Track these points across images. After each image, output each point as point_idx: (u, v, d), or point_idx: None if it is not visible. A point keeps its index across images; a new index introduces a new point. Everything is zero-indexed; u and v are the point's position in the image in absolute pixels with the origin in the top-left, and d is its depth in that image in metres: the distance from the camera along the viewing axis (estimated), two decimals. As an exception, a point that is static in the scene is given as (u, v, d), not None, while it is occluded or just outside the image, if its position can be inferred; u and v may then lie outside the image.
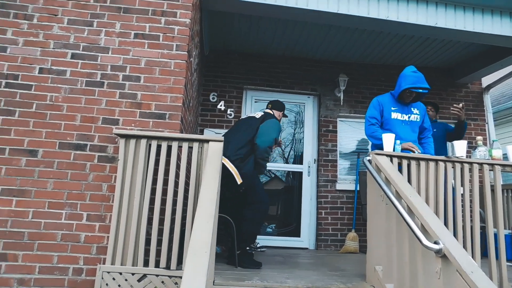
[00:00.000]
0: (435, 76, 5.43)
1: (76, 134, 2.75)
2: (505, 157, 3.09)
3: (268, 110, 3.67)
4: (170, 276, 2.42)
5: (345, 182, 4.95)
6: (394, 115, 3.33)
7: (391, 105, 3.36)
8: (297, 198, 4.97)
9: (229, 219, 3.11)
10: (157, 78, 2.90)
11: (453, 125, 4.34)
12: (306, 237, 4.84)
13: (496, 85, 5.74)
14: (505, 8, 3.88)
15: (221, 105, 4.95)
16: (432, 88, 4.28)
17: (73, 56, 2.87)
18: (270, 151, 3.44)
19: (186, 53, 2.96)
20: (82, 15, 2.94)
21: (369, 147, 5.09)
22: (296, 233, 4.86)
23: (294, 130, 5.29)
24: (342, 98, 5.08)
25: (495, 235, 2.78)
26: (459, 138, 3.94)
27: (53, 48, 2.86)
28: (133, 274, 2.41)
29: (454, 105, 3.82)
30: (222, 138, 2.58)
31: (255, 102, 5.19)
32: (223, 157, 3.20)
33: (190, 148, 2.63)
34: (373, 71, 5.36)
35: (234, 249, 3.17)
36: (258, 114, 3.58)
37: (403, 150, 3.03)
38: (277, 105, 3.74)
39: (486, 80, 5.79)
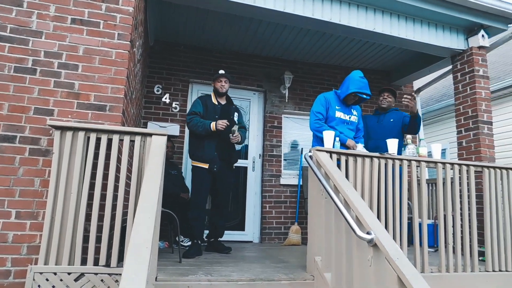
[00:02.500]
0: (373, 78, 5.78)
1: (3, 124, 2.51)
2: (430, 154, 3.41)
3: None
4: (110, 274, 2.34)
5: (289, 177, 5.10)
6: (338, 114, 3.52)
7: (336, 104, 3.55)
8: (242, 192, 5.02)
9: (172, 214, 3.06)
10: (97, 67, 2.75)
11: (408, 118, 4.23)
12: (251, 231, 4.93)
13: (425, 88, 6.27)
14: (432, 19, 4.25)
15: (166, 98, 4.83)
16: (370, 88, 4.56)
17: None
18: (188, 120, 3.67)
19: (129, 42, 2.84)
20: (10, -6, 2.68)
21: (311, 143, 5.29)
22: (241, 227, 4.93)
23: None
24: (287, 95, 5.23)
25: (420, 225, 3.07)
26: (414, 132, 4.04)
27: (-24, 29, 2.58)
28: (69, 273, 2.29)
29: (405, 95, 3.80)
30: (167, 132, 2.53)
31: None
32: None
33: (132, 141, 2.54)
34: (317, 70, 5.57)
35: (178, 244, 3.14)
36: None
37: (342, 146, 3.22)
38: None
39: (417, 84, 6.30)
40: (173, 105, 4.86)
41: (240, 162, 5.10)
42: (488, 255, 3.23)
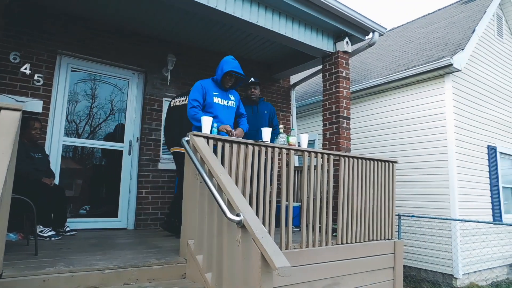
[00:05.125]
0: (256, 69, 6.06)
1: None
2: (299, 143, 3.77)
3: None
4: None
5: (168, 162, 5.00)
6: (216, 100, 3.58)
7: (213, 90, 3.60)
8: (115, 177, 4.71)
9: (28, 202, 2.69)
10: None
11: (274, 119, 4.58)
12: (125, 217, 4.69)
13: (301, 83, 6.89)
14: (308, 21, 4.66)
15: (25, 69, 4.16)
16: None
17: None
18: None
19: (-28, -5, 2.34)
20: None
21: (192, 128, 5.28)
22: (113, 213, 4.64)
23: (114, 106, 4.94)
24: (169, 78, 5.07)
25: (287, 207, 3.38)
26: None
27: None
28: None
29: None
30: (20, 107, 2.18)
31: (72, 71, 4.59)
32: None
33: (-27, 116, 2.12)
34: (202, 55, 5.55)
35: (35, 235, 2.79)
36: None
37: (220, 132, 3.30)
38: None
39: (293, 79, 6.86)
40: (35, 77, 4.23)
41: (115, 145, 4.79)
42: (339, 231, 3.77)
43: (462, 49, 6.29)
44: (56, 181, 4.18)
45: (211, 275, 2.47)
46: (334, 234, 3.80)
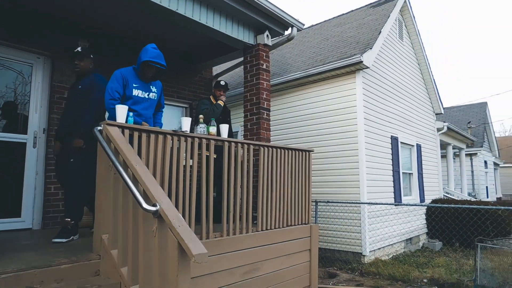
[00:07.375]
0: (178, 59, 5.91)
1: None
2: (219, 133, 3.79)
3: None
4: None
5: (81, 155, 4.64)
6: (136, 92, 3.40)
7: (134, 82, 3.40)
8: (18, 173, 4.23)
9: None
10: None
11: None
12: (30, 217, 4.25)
13: (223, 75, 6.91)
14: (229, 13, 4.68)
15: None
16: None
17: None
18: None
19: None
20: None
21: (106, 118, 4.97)
22: (15, 213, 4.16)
23: (17, 93, 4.41)
24: (81, 64, 4.68)
25: (207, 197, 3.39)
26: None
27: None
28: None
29: None
30: None
31: (-41, 50, 3.98)
32: None
33: None
34: (119, 43, 5.23)
35: None
36: None
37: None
38: None
39: (216, 70, 6.85)
40: None
41: (17, 137, 4.30)
42: (259, 218, 3.90)
43: (371, 48, 6.90)
44: None
45: (127, 269, 2.39)
46: (254, 221, 3.93)
